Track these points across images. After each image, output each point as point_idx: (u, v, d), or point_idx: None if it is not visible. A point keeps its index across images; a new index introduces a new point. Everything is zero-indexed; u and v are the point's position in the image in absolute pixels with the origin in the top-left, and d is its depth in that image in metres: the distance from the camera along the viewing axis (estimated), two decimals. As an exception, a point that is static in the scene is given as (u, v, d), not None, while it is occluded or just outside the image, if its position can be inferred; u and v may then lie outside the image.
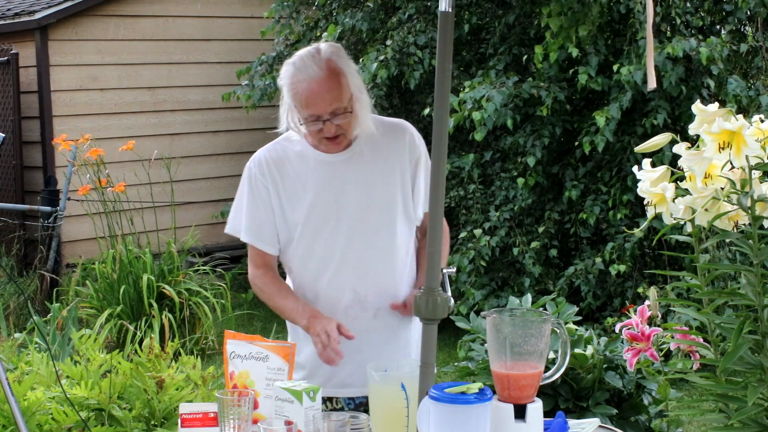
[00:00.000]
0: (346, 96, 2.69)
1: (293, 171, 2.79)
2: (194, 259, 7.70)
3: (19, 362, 4.00)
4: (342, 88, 2.68)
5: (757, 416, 2.63)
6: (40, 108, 8.89)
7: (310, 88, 2.66)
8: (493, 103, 6.68)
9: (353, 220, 2.78)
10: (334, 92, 2.67)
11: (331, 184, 2.78)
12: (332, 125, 2.69)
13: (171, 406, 3.54)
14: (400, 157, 2.82)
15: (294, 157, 2.81)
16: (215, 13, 9.86)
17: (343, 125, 2.71)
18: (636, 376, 3.87)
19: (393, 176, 2.81)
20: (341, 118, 2.69)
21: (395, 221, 2.82)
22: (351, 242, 2.78)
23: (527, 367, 2.13)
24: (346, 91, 2.68)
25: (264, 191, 2.79)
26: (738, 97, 6.46)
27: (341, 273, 2.79)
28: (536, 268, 6.88)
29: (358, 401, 2.85)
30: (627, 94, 6.59)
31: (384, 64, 7.41)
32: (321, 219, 2.78)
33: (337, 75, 2.68)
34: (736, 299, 2.77)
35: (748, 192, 2.54)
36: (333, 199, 2.78)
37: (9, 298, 7.44)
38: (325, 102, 2.66)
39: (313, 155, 2.80)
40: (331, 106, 2.67)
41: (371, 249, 2.79)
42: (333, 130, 2.70)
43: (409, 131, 2.87)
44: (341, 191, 2.78)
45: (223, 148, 9.84)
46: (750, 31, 7.26)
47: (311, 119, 2.69)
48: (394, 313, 2.83)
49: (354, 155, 2.80)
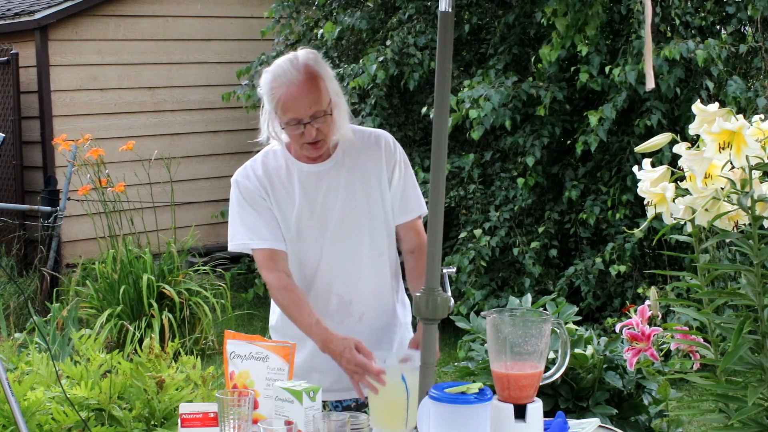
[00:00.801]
0: (325, 99, 2.73)
1: (279, 182, 2.84)
2: (194, 259, 7.70)
3: (19, 362, 4.00)
4: (321, 91, 2.72)
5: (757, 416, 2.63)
6: (40, 108, 8.89)
7: (290, 92, 2.70)
8: (490, 102, 6.68)
9: (337, 227, 2.83)
10: (313, 95, 2.71)
11: (316, 193, 2.83)
12: (312, 129, 2.72)
13: (171, 406, 3.54)
14: (378, 165, 2.87)
15: (277, 170, 2.85)
16: (215, 13, 9.86)
17: (323, 129, 2.75)
18: (636, 376, 3.87)
19: (372, 183, 2.86)
20: (321, 122, 2.73)
21: (377, 227, 2.87)
22: (335, 248, 2.82)
23: (527, 367, 2.13)
24: (325, 94, 2.73)
25: (257, 196, 2.83)
26: (738, 99, 6.46)
27: (326, 279, 2.84)
28: (536, 268, 6.88)
29: (345, 404, 2.89)
30: (622, 94, 6.59)
31: (384, 65, 7.42)
32: (306, 226, 2.82)
33: (315, 79, 2.72)
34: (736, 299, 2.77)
35: (748, 192, 2.54)
36: (318, 208, 2.82)
37: (9, 298, 7.44)
38: (305, 105, 2.70)
39: (296, 166, 2.85)
40: (311, 109, 2.71)
41: (355, 255, 2.84)
42: (314, 133, 2.73)
43: (384, 138, 2.92)
44: (325, 199, 2.83)
45: (223, 148, 9.84)
46: (750, 32, 7.25)
47: (292, 123, 2.73)
48: (379, 317, 2.89)
49: (336, 164, 2.85)
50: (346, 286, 2.84)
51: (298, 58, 2.75)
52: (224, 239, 3.11)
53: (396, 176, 2.88)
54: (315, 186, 2.83)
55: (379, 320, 2.89)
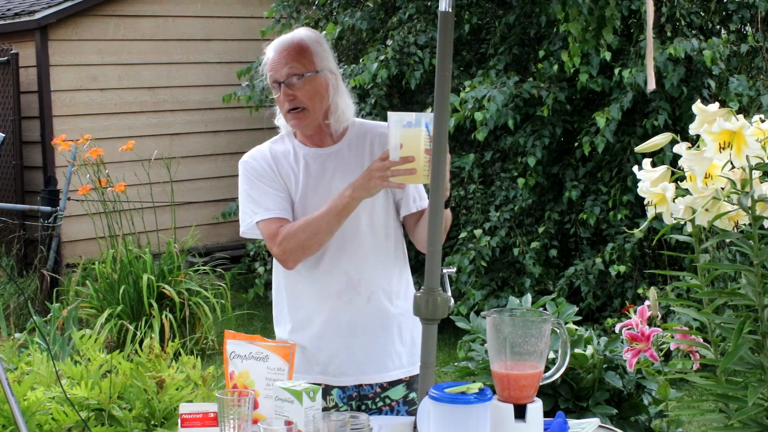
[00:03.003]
0: (307, 64, 2.76)
1: (286, 164, 2.85)
2: (194, 259, 7.70)
3: (20, 362, 4.00)
4: (304, 55, 2.77)
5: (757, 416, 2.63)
6: (40, 108, 8.89)
7: (275, 52, 2.80)
8: (494, 103, 6.68)
9: None
10: (294, 57, 2.76)
11: (321, 175, 2.84)
12: (289, 91, 2.75)
13: (171, 406, 3.54)
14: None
15: (284, 154, 2.87)
16: (215, 13, 9.87)
17: (301, 96, 2.76)
18: (636, 376, 3.87)
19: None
20: (299, 86, 2.75)
21: (385, 209, 2.86)
22: (343, 229, 2.79)
23: (527, 367, 2.13)
24: (308, 62, 2.77)
25: (264, 173, 2.84)
26: (740, 96, 6.45)
27: (335, 257, 2.82)
28: (536, 268, 6.88)
29: (348, 393, 2.87)
30: (628, 94, 6.58)
31: (384, 64, 7.42)
32: (313, 207, 2.80)
33: (302, 45, 2.79)
34: (736, 299, 2.77)
35: (749, 192, 2.54)
36: (324, 189, 2.81)
37: (9, 298, 7.44)
38: (282, 64, 2.77)
39: (302, 150, 2.87)
40: (287, 69, 2.75)
41: (364, 235, 2.83)
42: (290, 96, 2.76)
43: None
44: (331, 181, 2.82)
45: (223, 148, 9.84)
46: (750, 32, 7.25)
47: (275, 87, 2.79)
48: (387, 297, 2.87)
49: (342, 148, 2.87)
50: (353, 264, 2.82)
51: (298, 31, 2.84)
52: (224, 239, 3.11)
53: None
54: (321, 167, 2.84)
55: (388, 301, 2.87)
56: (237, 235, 2.92)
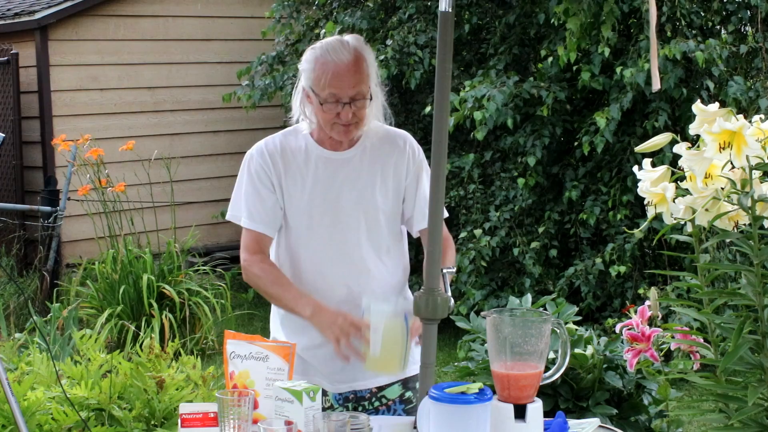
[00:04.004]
0: (367, 84, 2.73)
1: (295, 164, 2.81)
2: (194, 259, 7.70)
3: (20, 362, 3.99)
4: (364, 75, 2.72)
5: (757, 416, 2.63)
6: (40, 108, 8.89)
7: (337, 68, 2.68)
8: (494, 103, 6.68)
9: (350, 217, 2.80)
10: (359, 76, 2.70)
11: (331, 182, 2.80)
12: (350, 110, 2.70)
13: (171, 406, 3.54)
14: (398, 166, 2.85)
15: (296, 151, 2.83)
16: (215, 13, 9.86)
17: (358, 114, 2.73)
18: (636, 377, 3.87)
19: (389, 181, 2.84)
20: (359, 105, 2.72)
21: (391, 223, 2.86)
22: (347, 239, 2.79)
23: (527, 367, 2.13)
24: (367, 79, 2.73)
25: (264, 176, 2.81)
26: (738, 99, 6.45)
27: (336, 268, 2.81)
28: (536, 268, 6.88)
29: (345, 395, 2.87)
30: (628, 94, 6.58)
31: (384, 64, 7.41)
32: (318, 213, 2.79)
33: (362, 61, 2.72)
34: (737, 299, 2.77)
35: (749, 192, 2.54)
36: (333, 197, 2.79)
37: (9, 298, 7.44)
38: (349, 84, 2.69)
39: (315, 151, 2.82)
40: (354, 89, 2.70)
41: (367, 248, 2.82)
42: (349, 116, 2.71)
43: (409, 142, 2.91)
44: (340, 189, 2.80)
45: (223, 148, 9.84)
46: (750, 32, 7.25)
47: (330, 100, 2.70)
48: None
49: (355, 156, 2.83)
50: (354, 277, 2.81)
51: (349, 40, 2.75)
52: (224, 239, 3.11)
53: (424, 180, 2.85)
54: (332, 173, 2.80)
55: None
56: (237, 235, 2.91)
